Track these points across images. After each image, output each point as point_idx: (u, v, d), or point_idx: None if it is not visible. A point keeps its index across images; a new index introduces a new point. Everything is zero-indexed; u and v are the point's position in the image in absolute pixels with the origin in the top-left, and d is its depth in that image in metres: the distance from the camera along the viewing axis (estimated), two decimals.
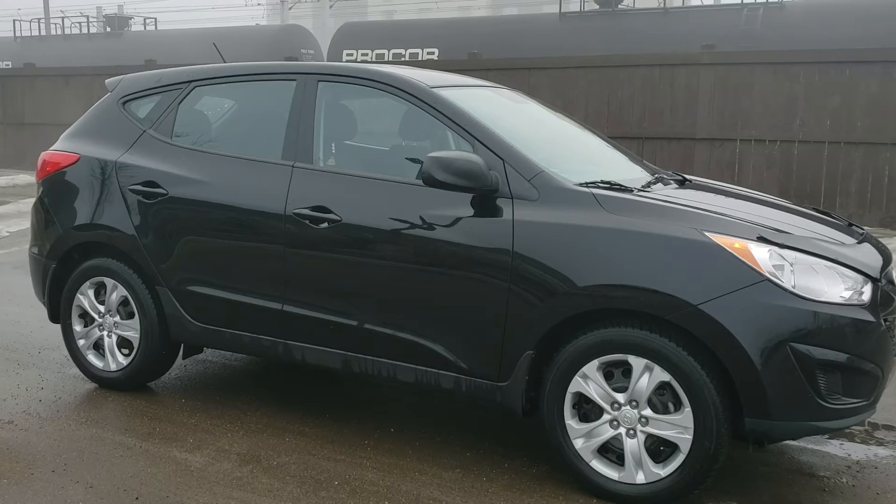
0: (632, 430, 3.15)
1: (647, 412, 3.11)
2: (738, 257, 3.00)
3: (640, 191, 3.49)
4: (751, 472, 3.55)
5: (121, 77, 4.67)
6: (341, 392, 4.49)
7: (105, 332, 4.36)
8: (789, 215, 3.64)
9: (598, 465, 3.22)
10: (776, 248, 3.05)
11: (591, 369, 3.18)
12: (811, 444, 3.81)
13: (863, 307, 3.04)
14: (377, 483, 3.37)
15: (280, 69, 4.20)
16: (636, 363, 3.10)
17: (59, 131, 4.98)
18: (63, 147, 4.56)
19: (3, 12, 40.99)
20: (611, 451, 3.22)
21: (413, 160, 3.73)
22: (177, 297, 4.10)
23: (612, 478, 3.19)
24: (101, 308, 4.34)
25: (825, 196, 9.77)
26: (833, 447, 3.80)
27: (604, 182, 3.46)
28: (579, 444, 3.24)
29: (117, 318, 4.31)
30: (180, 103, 4.30)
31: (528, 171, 3.38)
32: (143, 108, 4.40)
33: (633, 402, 3.13)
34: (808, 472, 3.57)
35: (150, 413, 4.10)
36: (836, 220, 3.82)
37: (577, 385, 3.21)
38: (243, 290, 3.92)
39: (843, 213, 9.00)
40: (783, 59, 10.10)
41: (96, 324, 4.37)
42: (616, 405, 3.16)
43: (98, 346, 4.40)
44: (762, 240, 3.08)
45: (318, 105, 3.92)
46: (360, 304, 3.64)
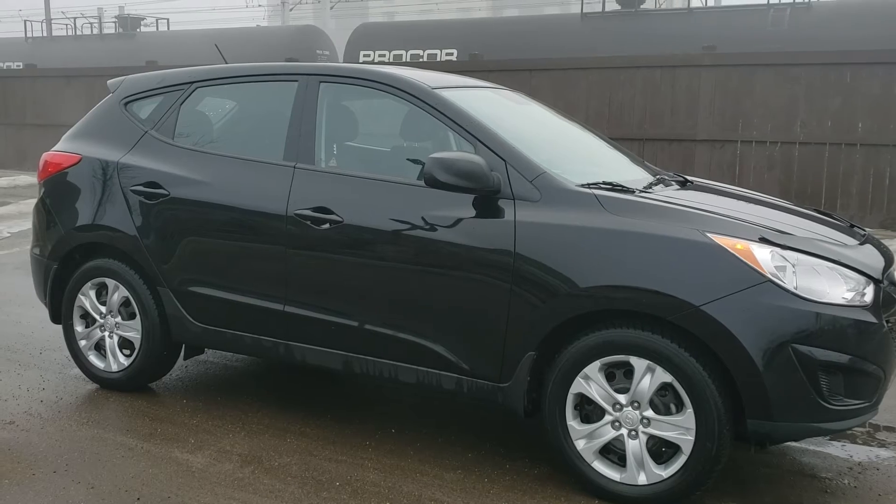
0: (633, 432, 3.15)
1: (649, 413, 3.11)
2: (740, 258, 3.00)
3: (642, 192, 3.49)
4: (752, 473, 3.55)
5: (123, 78, 4.67)
6: (343, 393, 4.49)
7: (106, 333, 4.36)
8: (791, 216, 3.64)
9: (600, 466, 3.22)
10: (778, 250, 3.05)
11: (593, 370, 3.18)
12: (813, 446, 3.81)
13: (865, 308, 3.04)
14: (379, 484, 3.37)
15: (282, 70, 4.20)
16: (638, 364, 3.10)
17: (60, 132, 4.99)
18: (65, 148, 4.56)
19: (4, 13, 41.06)
20: (612, 452, 3.22)
21: (414, 161, 3.73)
22: (178, 297, 4.10)
23: (613, 479, 3.19)
24: (103, 309, 4.34)
25: (826, 197, 9.77)
26: (835, 448, 3.80)
27: (605, 183, 3.46)
28: (581, 445, 3.24)
29: (119, 319, 4.31)
30: (182, 104, 4.31)
31: (530, 172, 3.38)
32: (145, 109, 4.41)
33: (635, 403, 3.13)
34: (809, 473, 3.57)
35: (152, 414, 4.10)
36: (838, 221, 3.82)
37: (578, 386, 3.21)
38: (244, 290, 3.92)
39: (844, 214, 8.99)
40: (784, 60, 10.09)
41: (98, 324, 4.38)
42: (618, 406, 3.16)
43: (99, 347, 4.41)
44: (764, 241, 3.08)
45: (320, 106, 3.92)
46: (361, 305, 3.64)
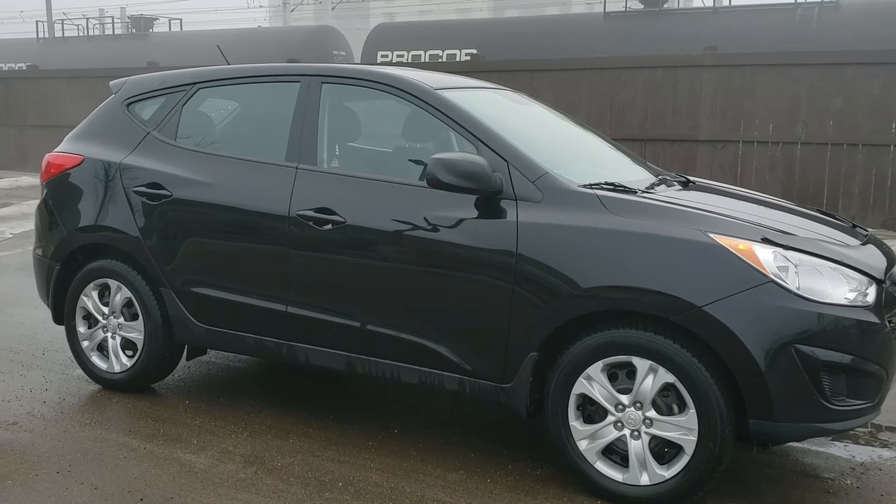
0: (636, 432, 3.15)
1: (652, 414, 3.11)
2: (743, 259, 2.99)
3: (644, 192, 3.49)
4: (755, 473, 3.54)
5: (125, 79, 4.68)
6: (345, 393, 4.49)
7: (109, 334, 4.36)
8: (793, 217, 3.64)
9: (603, 467, 3.22)
10: (780, 250, 3.05)
11: (596, 371, 3.18)
12: (815, 446, 3.81)
13: (867, 309, 3.04)
14: (381, 484, 3.37)
15: (284, 71, 4.20)
16: (640, 365, 3.10)
17: (62, 133, 4.99)
18: (67, 149, 4.57)
19: (5, 13, 41.10)
20: (615, 452, 3.22)
21: (417, 162, 3.73)
22: (181, 298, 4.10)
23: (616, 479, 3.19)
24: (105, 309, 4.35)
25: (828, 198, 9.77)
26: (837, 449, 3.80)
27: (607, 184, 3.45)
28: (583, 445, 3.24)
29: (121, 320, 4.31)
30: (184, 105, 4.31)
31: (532, 173, 3.38)
32: (148, 110, 4.41)
33: (638, 404, 3.13)
34: (812, 473, 3.56)
35: (154, 414, 4.10)
36: (840, 221, 3.82)
37: (581, 386, 3.21)
38: (247, 291, 3.93)
39: (845, 214, 8.98)
40: (785, 60, 10.09)
41: (100, 325, 4.38)
42: (620, 407, 3.16)
43: (102, 348, 4.41)
44: (766, 241, 3.08)
45: (322, 107, 3.93)
46: (363, 306, 3.65)
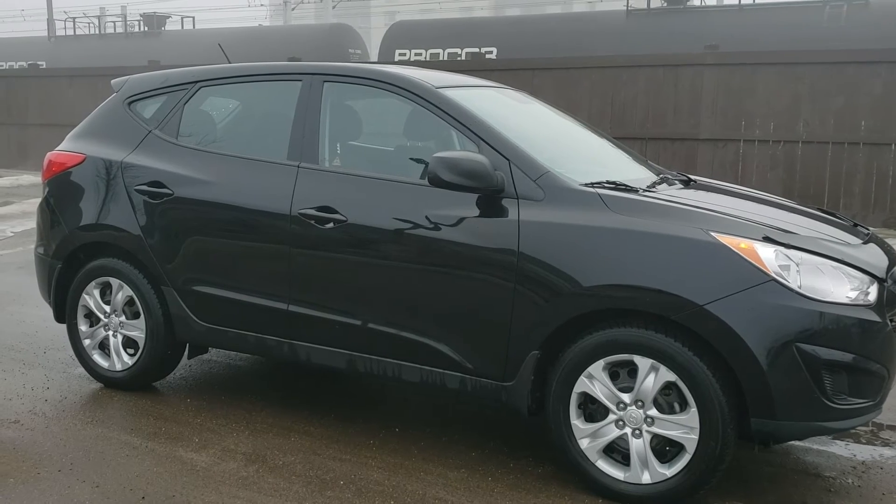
0: (637, 430, 3.15)
1: (653, 412, 3.11)
2: (744, 257, 3.00)
3: (646, 191, 3.49)
4: (756, 472, 3.55)
5: (126, 77, 4.68)
6: (346, 392, 4.49)
7: (111, 332, 4.36)
8: (795, 215, 3.64)
9: (604, 465, 3.22)
10: (782, 249, 3.05)
11: (597, 369, 3.18)
12: (816, 445, 3.81)
13: (869, 307, 3.04)
14: (382, 483, 3.37)
15: (285, 69, 4.21)
16: (642, 363, 3.10)
17: (64, 131, 5.00)
18: (69, 147, 4.57)
19: (6, 13, 41.11)
20: (616, 451, 3.22)
21: (418, 160, 3.73)
22: (182, 296, 4.10)
23: (617, 478, 3.19)
24: (107, 308, 4.35)
25: (829, 197, 9.77)
26: (838, 448, 3.80)
27: (609, 182, 3.45)
28: (585, 444, 3.24)
29: (123, 318, 4.31)
30: (186, 104, 4.31)
31: (534, 172, 3.38)
32: (149, 109, 4.41)
33: (639, 402, 3.13)
34: (813, 472, 3.57)
35: (156, 413, 4.11)
36: (842, 220, 3.81)
37: (582, 385, 3.21)
38: (248, 290, 3.93)
39: (846, 213, 8.97)
40: (787, 59, 10.09)
41: (102, 324, 4.38)
42: (622, 405, 3.16)
43: (103, 346, 4.41)
44: (768, 240, 3.08)
45: (324, 105, 3.93)
46: (365, 304, 3.65)
